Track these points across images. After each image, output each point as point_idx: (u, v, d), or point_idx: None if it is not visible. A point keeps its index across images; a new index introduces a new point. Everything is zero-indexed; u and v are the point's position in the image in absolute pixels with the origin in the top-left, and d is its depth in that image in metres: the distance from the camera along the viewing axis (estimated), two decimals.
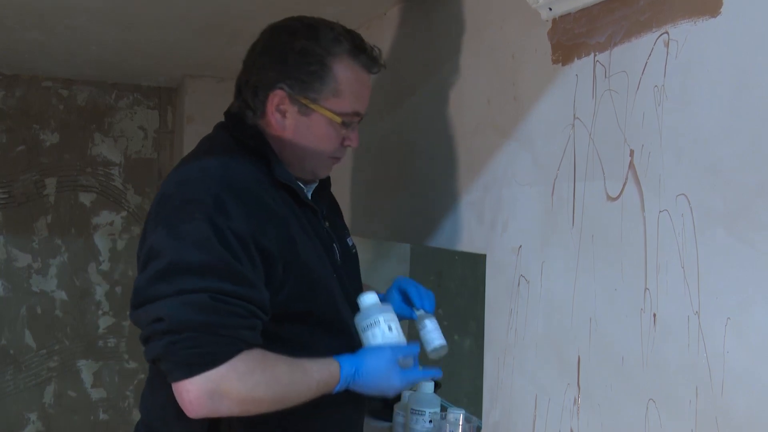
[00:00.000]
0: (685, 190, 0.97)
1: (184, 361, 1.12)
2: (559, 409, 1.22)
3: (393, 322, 1.32)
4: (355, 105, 1.34)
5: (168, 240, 1.15)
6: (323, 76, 1.30)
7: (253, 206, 1.20)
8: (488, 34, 1.49)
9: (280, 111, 1.31)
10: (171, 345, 1.12)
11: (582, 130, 1.18)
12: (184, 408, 1.14)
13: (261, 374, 1.16)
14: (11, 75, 3.06)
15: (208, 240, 1.14)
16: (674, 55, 1.00)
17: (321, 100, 1.30)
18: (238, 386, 1.14)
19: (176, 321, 1.11)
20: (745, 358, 0.88)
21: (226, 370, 1.12)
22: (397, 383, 1.28)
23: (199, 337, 1.11)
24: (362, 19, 2.07)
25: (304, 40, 1.31)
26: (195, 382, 1.12)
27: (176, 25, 2.15)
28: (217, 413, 1.16)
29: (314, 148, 1.34)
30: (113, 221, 3.23)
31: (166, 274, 1.13)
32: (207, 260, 1.13)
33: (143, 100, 3.28)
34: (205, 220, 1.15)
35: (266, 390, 1.17)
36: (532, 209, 1.32)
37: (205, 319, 1.11)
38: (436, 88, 1.71)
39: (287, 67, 1.30)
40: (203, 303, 1.11)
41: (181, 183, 1.22)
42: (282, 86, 1.30)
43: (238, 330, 1.14)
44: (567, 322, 1.20)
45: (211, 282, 1.12)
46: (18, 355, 3.10)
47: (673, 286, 0.98)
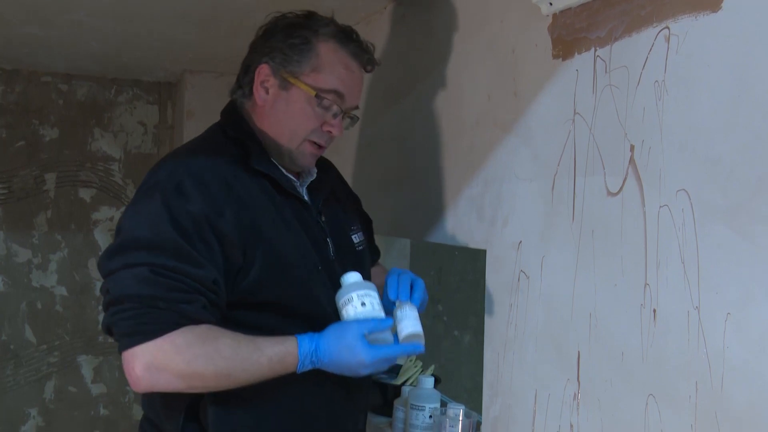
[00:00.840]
0: (685, 185, 0.97)
1: (125, 333, 1.15)
2: (558, 403, 1.22)
3: (368, 298, 1.25)
4: (336, 84, 1.33)
5: (128, 218, 1.22)
6: (305, 50, 1.32)
7: (214, 191, 1.23)
8: (488, 28, 1.49)
9: (264, 87, 1.34)
10: (113, 315, 1.16)
11: (582, 125, 1.18)
12: (129, 381, 1.16)
13: (200, 347, 1.15)
14: (11, 70, 3.05)
15: (159, 218, 1.18)
16: (675, 50, 0.99)
17: (300, 74, 1.32)
18: (175, 359, 1.14)
19: (118, 293, 1.15)
20: (745, 354, 0.88)
21: (162, 342, 1.14)
22: (366, 358, 1.19)
23: (138, 308, 1.14)
24: (362, 14, 2.07)
25: (295, 19, 1.36)
26: (134, 353, 1.14)
27: (176, 20, 2.15)
28: (159, 387, 1.16)
29: (291, 126, 1.33)
30: (113, 216, 3.23)
31: (118, 249, 1.18)
32: (154, 237, 1.17)
33: (143, 95, 3.27)
34: (161, 201, 1.19)
35: (206, 363, 1.15)
36: (532, 204, 1.32)
37: (144, 292, 1.14)
38: (436, 83, 1.71)
39: (272, 41, 1.34)
40: (144, 276, 1.14)
41: (154, 171, 1.28)
42: (266, 60, 1.33)
43: (177, 304, 1.15)
44: (567, 318, 1.20)
45: (155, 258, 1.16)
46: (18, 351, 3.10)
47: (674, 281, 0.98)
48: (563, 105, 1.23)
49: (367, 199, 2.10)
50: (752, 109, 0.88)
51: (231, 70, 3.02)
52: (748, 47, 0.89)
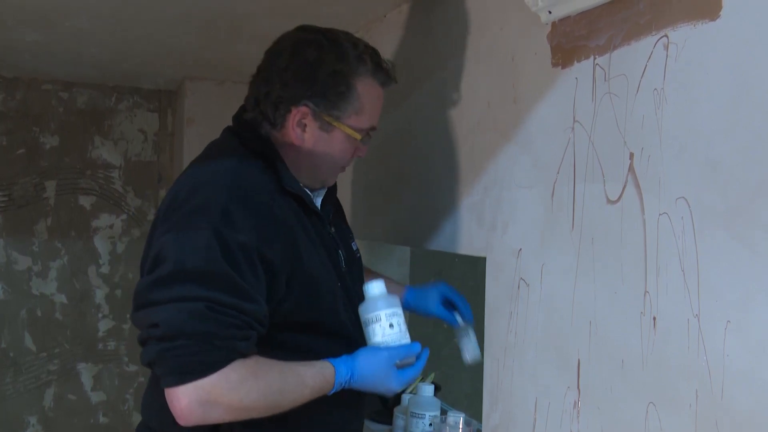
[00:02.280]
0: (684, 192, 0.97)
1: (176, 369, 1.12)
2: (559, 411, 1.22)
3: (395, 318, 1.30)
4: (373, 121, 1.38)
5: (173, 246, 1.16)
6: (348, 96, 1.32)
7: (260, 217, 1.21)
8: (488, 36, 1.49)
9: (300, 125, 1.32)
10: (164, 351, 1.12)
11: (582, 132, 1.18)
12: (175, 414, 1.14)
13: (253, 382, 1.16)
14: (11, 77, 3.06)
15: (211, 250, 1.14)
16: (674, 58, 1.00)
17: (343, 118, 1.32)
18: (229, 395, 1.14)
19: (170, 328, 1.12)
20: (745, 361, 0.87)
21: (217, 379, 1.13)
22: (395, 385, 1.28)
23: (192, 345, 1.12)
24: (362, 22, 2.07)
25: (334, 60, 1.31)
26: (186, 389, 1.12)
27: (176, 27, 2.16)
28: (209, 421, 1.16)
29: (329, 161, 1.36)
30: (113, 224, 3.23)
31: (166, 280, 1.14)
32: (207, 270, 1.14)
33: (143, 102, 3.28)
34: (211, 230, 1.15)
35: (257, 398, 1.17)
36: (532, 212, 1.32)
37: (199, 328, 1.12)
38: (436, 90, 1.71)
39: (315, 85, 1.30)
40: (199, 311, 1.12)
41: (193, 189, 1.23)
42: (308, 103, 1.30)
43: (232, 341, 1.14)
44: (567, 325, 1.20)
45: (209, 292, 1.13)
46: (18, 358, 3.09)
47: (673, 288, 0.98)
48: (563, 113, 1.23)
49: (367, 206, 2.10)
50: (751, 116, 0.88)
51: (231, 78, 3.04)
52: (747, 55, 0.89)
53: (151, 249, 1.21)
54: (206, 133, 1.51)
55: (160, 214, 1.24)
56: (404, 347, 1.29)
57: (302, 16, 1.94)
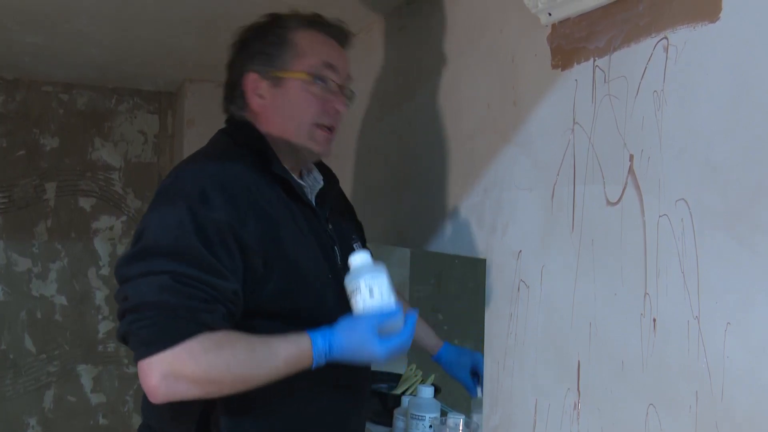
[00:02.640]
0: (684, 194, 0.97)
1: (143, 341, 1.12)
2: (559, 413, 1.22)
3: (376, 285, 1.23)
4: (322, 57, 1.37)
5: (149, 224, 1.20)
6: (282, 43, 1.36)
7: (237, 200, 1.22)
8: (488, 38, 1.49)
9: (257, 94, 1.36)
10: (131, 324, 1.13)
11: (582, 134, 1.18)
12: (145, 392, 1.14)
13: (216, 353, 1.14)
14: (11, 79, 3.06)
15: (183, 226, 1.16)
16: (673, 60, 1.00)
17: (287, 65, 1.35)
18: (191, 367, 1.12)
19: (137, 300, 1.13)
20: (746, 363, 0.88)
21: (179, 350, 1.11)
22: (378, 352, 1.19)
23: (156, 316, 1.12)
24: (362, 23, 2.07)
25: (264, 22, 1.40)
26: (150, 362, 1.11)
27: (176, 29, 2.16)
28: (177, 395, 1.14)
29: (297, 117, 1.36)
30: (113, 225, 3.24)
31: (138, 256, 1.16)
32: (177, 245, 1.15)
33: (143, 104, 3.28)
34: (186, 208, 1.18)
35: (223, 370, 1.14)
36: (532, 213, 1.32)
37: (164, 299, 1.12)
38: (436, 91, 1.71)
39: (249, 48, 1.38)
40: (164, 284, 1.13)
41: (175, 177, 1.27)
42: (250, 68, 1.36)
43: (197, 312, 1.13)
44: (567, 327, 1.20)
45: (176, 266, 1.14)
46: (18, 360, 3.09)
47: (673, 290, 0.98)
48: (563, 114, 1.23)
49: (367, 208, 2.10)
50: (751, 117, 0.88)
51: None
52: (747, 57, 0.89)
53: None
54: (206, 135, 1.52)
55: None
56: (385, 313, 1.22)
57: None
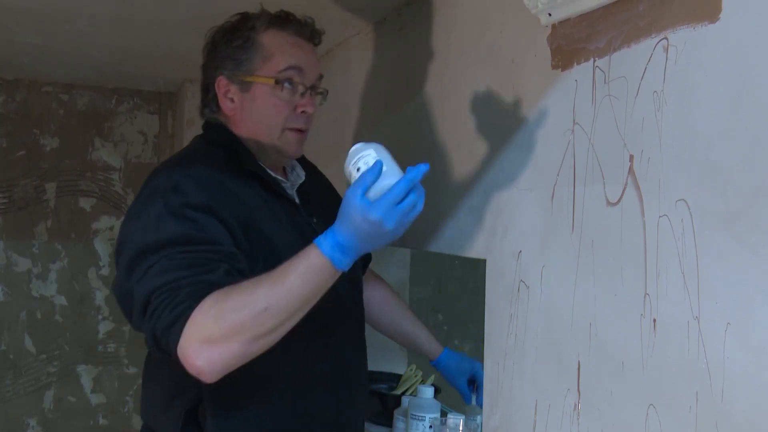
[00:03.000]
0: (684, 195, 0.97)
1: (165, 327, 1.11)
2: (559, 414, 1.22)
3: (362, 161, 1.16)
4: (289, 61, 1.36)
5: (131, 228, 1.22)
6: (249, 47, 1.35)
7: (211, 189, 1.24)
8: (488, 38, 1.49)
9: (228, 98, 1.38)
10: (149, 320, 1.13)
11: (582, 135, 1.18)
12: (198, 376, 1.10)
13: (225, 302, 1.09)
14: (12, 80, 3.06)
15: (163, 218, 1.18)
16: (673, 60, 1.00)
17: (254, 70, 1.35)
18: (211, 324, 1.08)
19: (146, 294, 1.14)
20: (746, 364, 0.87)
21: (194, 315, 1.09)
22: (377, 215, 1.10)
23: (167, 295, 1.12)
24: (362, 25, 2.07)
25: (230, 25, 1.40)
26: (183, 344, 1.09)
27: (176, 29, 2.16)
28: (221, 361, 1.09)
29: (265, 122, 1.36)
30: (113, 226, 3.24)
31: (133, 264, 1.17)
32: (163, 236, 1.17)
33: (143, 104, 3.28)
34: (162, 201, 1.20)
35: (242, 312, 1.08)
36: (532, 214, 1.32)
37: (166, 279, 1.13)
38: (436, 92, 1.71)
39: (218, 52, 1.39)
40: (161, 268, 1.14)
41: (148, 181, 1.30)
42: (220, 72, 1.37)
43: (198, 275, 1.13)
44: (567, 327, 1.20)
45: (166, 250, 1.16)
46: (18, 360, 3.09)
47: (673, 291, 0.98)
48: (562, 115, 1.23)
49: None
50: (751, 118, 0.88)
51: None
52: (747, 57, 0.89)
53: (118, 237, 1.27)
54: None
55: None
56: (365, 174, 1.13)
57: None
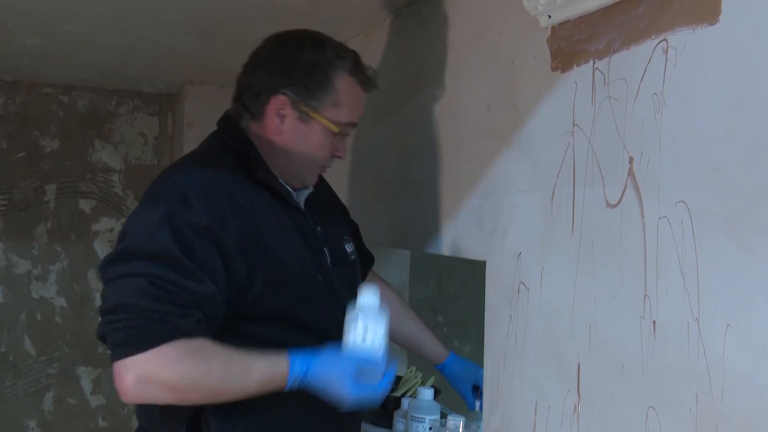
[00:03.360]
0: (684, 196, 0.97)
1: (117, 343, 1.14)
2: (559, 415, 1.22)
3: (371, 330, 1.24)
4: (351, 116, 1.39)
5: (129, 227, 1.22)
6: (326, 87, 1.34)
7: (217, 202, 1.24)
8: (487, 40, 1.49)
9: (279, 116, 1.35)
10: (107, 325, 1.16)
11: (581, 136, 1.18)
12: (119, 392, 1.15)
13: (190, 363, 1.15)
14: (11, 81, 3.06)
15: (161, 230, 1.18)
16: (673, 62, 1.00)
17: (321, 109, 1.35)
18: (164, 372, 1.14)
19: (114, 302, 1.16)
20: (746, 365, 0.88)
21: (153, 354, 1.13)
22: (348, 395, 1.21)
23: (132, 319, 1.14)
24: (363, 26, 2.07)
25: (312, 52, 1.36)
26: (125, 364, 1.13)
27: (177, 31, 2.16)
28: (148, 398, 1.17)
29: (307, 155, 1.37)
30: (113, 228, 3.23)
31: (117, 257, 1.19)
32: (155, 248, 1.17)
33: (143, 106, 3.28)
34: (164, 212, 1.19)
35: (195, 380, 1.16)
36: (531, 216, 1.32)
37: (140, 303, 1.14)
38: (436, 94, 1.71)
39: (294, 74, 1.34)
40: (141, 287, 1.14)
41: (159, 181, 1.29)
42: (286, 92, 1.34)
43: (171, 317, 1.14)
44: (567, 329, 1.20)
45: (154, 269, 1.15)
46: (17, 362, 3.09)
47: (673, 292, 0.98)
48: (562, 117, 1.24)
49: (367, 209, 2.10)
50: (750, 120, 0.88)
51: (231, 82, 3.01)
52: (746, 59, 0.89)
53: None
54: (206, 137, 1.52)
55: None
56: (367, 359, 1.23)
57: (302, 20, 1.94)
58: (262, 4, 1.85)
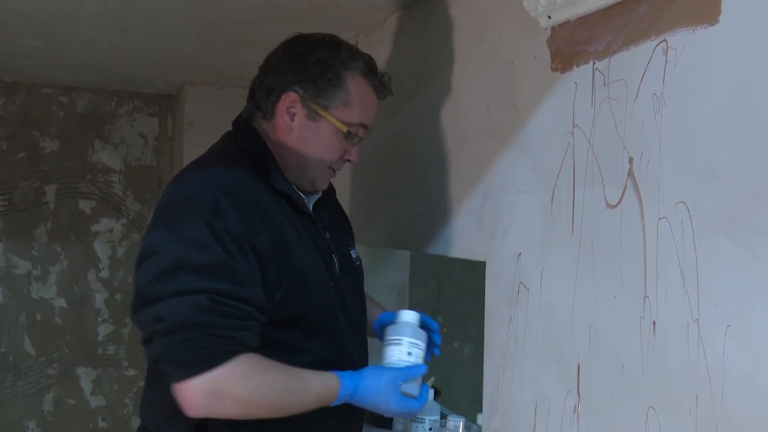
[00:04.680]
0: (684, 197, 0.97)
1: (184, 362, 1.13)
2: (559, 416, 1.22)
3: (416, 347, 1.34)
4: (363, 118, 1.39)
5: (167, 240, 1.18)
6: (337, 85, 1.35)
7: (247, 209, 1.23)
8: (487, 41, 1.49)
9: (289, 113, 1.35)
10: (170, 345, 1.14)
11: (581, 137, 1.18)
12: (183, 408, 1.16)
13: (259, 378, 1.18)
14: (12, 82, 3.06)
15: (205, 241, 1.16)
16: (673, 62, 1.00)
17: (331, 108, 1.35)
18: (235, 387, 1.15)
19: (175, 321, 1.13)
20: (745, 366, 0.88)
21: (224, 370, 1.14)
22: (395, 408, 1.29)
23: (198, 337, 1.13)
24: (362, 27, 2.08)
25: (324, 51, 1.36)
26: (194, 382, 1.13)
27: (176, 32, 2.16)
28: (216, 413, 1.17)
29: (316, 155, 1.37)
30: (113, 228, 3.23)
31: (166, 274, 1.15)
32: (205, 261, 1.15)
33: (143, 107, 3.28)
34: (203, 222, 1.17)
35: (264, 394, 1.19)
36: (531, 216, 1.32)
37: (204, 320, 1.13)
38: (436, 94, 1.71)
39: (305, 72, 1.34)
40: (201, 304, 1.13)
41: (182, 187, 1.26)
42: (296, 89, 1.34)
43: (235, 331, 1.15)
44: (567, 329, 1.20)
45: (209, 282, 1.14)
46: (17, 362, 3.09)
47: (673, 293, 0.98)
48: (562, 117, 1.24)
49: (367, 210, 2.10)
50: (750, 120, 0.88)
51: (231, 82, 3.04)
52: (746, 60, 0.89)
53: (142, 246, 1.23)
54: (206, 138, 1.52)
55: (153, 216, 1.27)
56: (410, 368, 1.32)
57: (302, 21, 1.94)
58: (261, 5, 1.85)
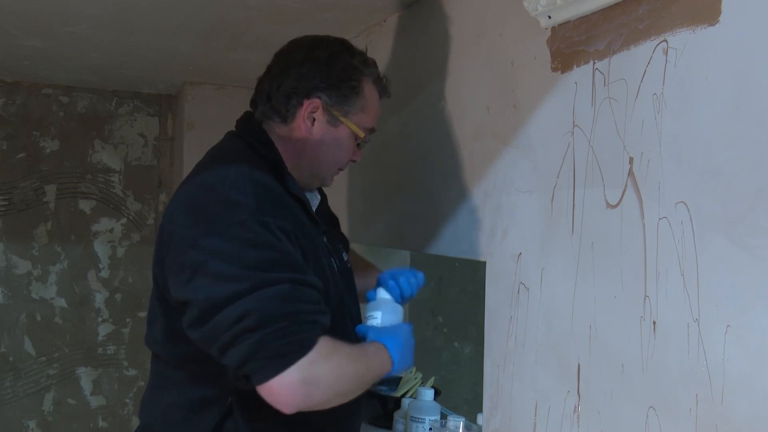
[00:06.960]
0: (684, 197, 0.97)
1: (277, 353, 1.10)
2: (559, 416, 1.22)
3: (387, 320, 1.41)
4: (373, 123, 1.43)
5: (224, 245, 1.13)
6: (357, 93, 1.37)
7: (286, 208, 1.25)
8: (487, 41, 1.50)
9: (309, 118, 1.36)
10: (261, 340, 1.10)
11: (581, 137, 1.18)
12: (278, 404, 1.12)
13: (339, 358, 1.19)
14: (12, 82, 3.06)
15: (265, 237, 1.15)
16: (673, 62, 1.00)
17: (351, 114, 1.37)
18: (326, 370, 1.15)
19: (265, 314, 1.10)
20: (746, 366, 0.88)
21: (314, 355, 1.12)
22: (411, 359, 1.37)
23: (288, 326, 1.11)
24: (362, 26, 2.08)
25: (347, 57, 1.38)
26: (289, 373, 1.10)
27: (176, 32, 2.16)
28: (311, 403, 1.15)
29: (332, 158, 1.40)
30: (113, 228, 3.23)
31: (235, 275, 1.12)
32: (270, 255, 1.15)
33: (143, 107, 3.28)
34: (255, 220, 1.15)
35: (347, 370, 1.20)
36: (531, 216, 1.32)
37: (289, 308, 1.12)
38: (436, 94, 1.71)
39: (330, 78, 1.35)
40: (285, 292, 1.13)
41: (211, 188, 1.19)
42: (321, 95, 1.35)
43: (316, 315, 1.16)
44: (567, 329, 1.20)
45: (285, 273, 1.14)
46: (17, 363, 3.09)
47: (673, 293, 0.98)
48: (562, 117, 1.24)
49: (367, 210, 2.10)
50: (750, 121, 0.88)
51: (231, 82, 3.04)
52: (746, 60, 0.89)
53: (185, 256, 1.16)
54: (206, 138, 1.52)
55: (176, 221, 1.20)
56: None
57: (302, 21, 1.94)
58: (261, 5, 1.86)
